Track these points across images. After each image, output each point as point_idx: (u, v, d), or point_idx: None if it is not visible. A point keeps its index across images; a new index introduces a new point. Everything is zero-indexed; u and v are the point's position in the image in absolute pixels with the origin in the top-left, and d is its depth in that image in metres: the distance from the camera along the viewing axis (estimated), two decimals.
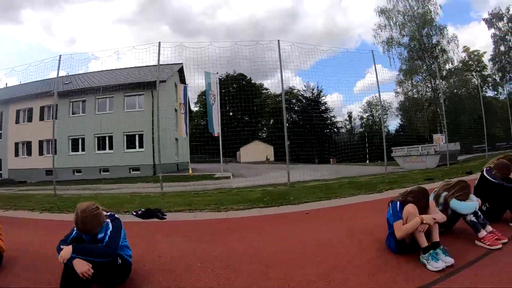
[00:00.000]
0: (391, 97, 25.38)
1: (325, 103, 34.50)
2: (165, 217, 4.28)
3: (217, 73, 12.80)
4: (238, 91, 44.72)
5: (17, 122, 21.30)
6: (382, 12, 22.09)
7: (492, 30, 30.02)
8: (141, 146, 17.21)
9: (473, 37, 53.11)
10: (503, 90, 29.40)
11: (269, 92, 49.06)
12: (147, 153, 16.74)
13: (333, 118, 35.37)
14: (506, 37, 29.67)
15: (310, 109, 32.77)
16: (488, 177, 3.48)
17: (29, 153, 21.02)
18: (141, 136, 17.18)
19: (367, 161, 22.56)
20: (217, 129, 13.35)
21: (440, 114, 20.42)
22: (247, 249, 2.97)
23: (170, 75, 18.76)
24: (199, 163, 27.07)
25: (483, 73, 26.08)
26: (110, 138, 17.61)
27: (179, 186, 8.90)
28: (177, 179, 11.46)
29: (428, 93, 22.03)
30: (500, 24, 29.69)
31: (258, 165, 27.19)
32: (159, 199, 5.53)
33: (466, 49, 26.51)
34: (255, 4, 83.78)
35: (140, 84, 16.46)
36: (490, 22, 30.15)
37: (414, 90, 22.10)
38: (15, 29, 74.32)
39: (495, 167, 3.56)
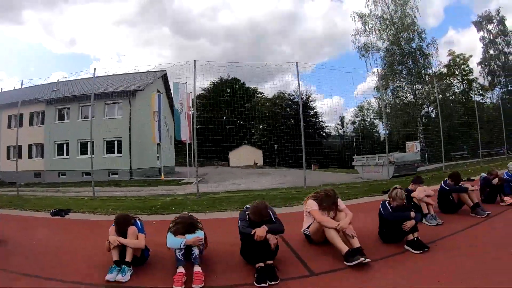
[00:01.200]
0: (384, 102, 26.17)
1: (315, 107, 35.54)
2: (65, 216, 5.56)
3: (186, 82, 14.10)
4: (232, 95, 46.42)
5: (9, 126, 23.03)
6: (360, 16, 22.81)
7: (481, 33, 30.61)
8: (119, 151, 18.66)
9: (473, 40, 53.50)
10: (492, 94, 29.92)
11: (263, 96, 50.39)
12: (124, 158, 18.18)
13: (322, 123, 36.30)
14: (496, 40, 30.14)
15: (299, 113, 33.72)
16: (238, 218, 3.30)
17: (19, 156, 22.70)
18: (119, 142, 18.64)
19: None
20: (184, 136, 14.62)
21: (417, 120, 21.11)
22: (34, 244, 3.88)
23: (150, 82, 20.17)
24: (190, 166, 28.28)
25: (469, 77, 26.65)
26: (92, 143, 18.99)
27: (128, 191, 10.17)
28: (138, 184, 12.75)
29: (408, 98, 22.70)
30: (490, 27, 30.19)
31: (243, 169, 28.37)
32: (84, 202, 6.85)
33: (451, 53, 27.13)
34: (255, 7, 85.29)
35: (118, 93, 17.91)
36: (479, 25, 30.71)
37: (394, 96, 22.74)
38: (16, 30, 77.14)
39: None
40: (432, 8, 65.27)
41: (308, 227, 3.68)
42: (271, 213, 3.21)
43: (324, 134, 35.79)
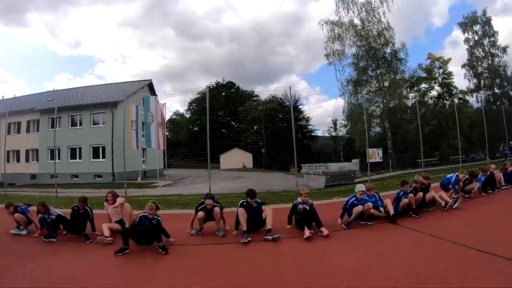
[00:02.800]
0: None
1: (302, 111, 37.59)
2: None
3: (157, 95, 16.60)
4: (226, 99, 48.78)
5: (8, 133, 26.26)
6: (330, 24, 24.25)
7: (466, 35, 31.83)
8: (104, 156, 21.43)
9: None
10: (477, 97, 31.10)
11: (259, 99, 52.73)
12: (108, 162, 20.90)
13: (309, 127, 38.22)
14: (484, 41, 31.28)
15: (288, 117, 35.81)
16: None
17: (18, 160, 25.93)
18: (104, 148, 21.41)
19: None
20: (154, 145, 17.08)
21: (385, 126, 22.76)
22: None
23: (133, 92, 22.85)
24: (184, 168, 30.79)
25: (448, 80, 27.98)
26: (80, 149, 21.97)
27: (93, 193, 12.70)
28: (115, 187, 15.28)
29: (378, 106, 24.14)
30: (477, 28, 31.35)
31: (228, 172, 30.70)
32: (47, 200, 9.38)
33: (430, 56, 28.57)
34: (259, 8, 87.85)
35: (102, 104, 20.69)
36: (464, 26, 31.94)
37: (360, 102, 24.14)
38: (21, 32, 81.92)
39: None
40: (437, 8, 65.76)
41: None
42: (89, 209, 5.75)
43: (309, 136, 37.62)
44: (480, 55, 31.56)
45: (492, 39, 30.75)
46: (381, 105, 23.27)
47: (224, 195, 10.84)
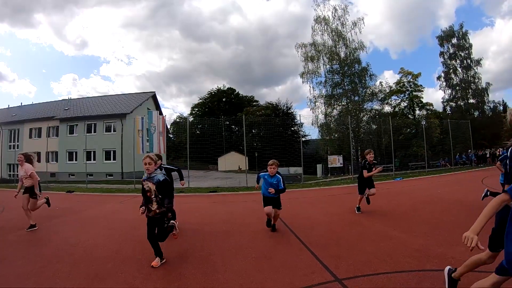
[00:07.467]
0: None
1: (294, 117, 42.90)
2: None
3: (158, 110, 22.29)
4: (227, 104, 54.34)
5: (30, 137, 32.43)
6: (302, 47, 29.06)
7: (441, 49, 36.75)
8: (114, 159, 27.29)
9: (484, 43, 58.87)
10: (450, 108, 35.99)
11: (258, 104, 58.42)
12: (117, 164, 26.75)
13: (301, 132, 43.41)
14: (461, 53, 36.12)
15: (281, 123, 41.19)
16: None
17: (39, 160, 31.98)
18: (114, 152, 27.27)
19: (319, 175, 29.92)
20: (156, 150, 22.75)
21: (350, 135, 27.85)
22: None
23: (139, 105, 28.67)
24: (184, 169, 36.45)
25: (416, 93, 32.96)
26: (94, 152, 27.87)
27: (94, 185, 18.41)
28: (118, 183, 21.02)
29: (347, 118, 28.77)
30: (454, 41, 36.22)
31: (223, 173, 36.32)
32: (78, 189, 15.12)
33: (401, 71, 33.66)
34: (266, 10, 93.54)
35: (113, 115, 26.58)
36: (441, 40, 36.90)
37: (333, 114, 29.13)
38: (28, 32, 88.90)
39: None
40: (443, 10, 70.47)
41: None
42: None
43: (299, 141, 42.75)
44: (457, 67, 36.47)
45: (467, 52, 35.64)
46: (349, 117, 28.07)
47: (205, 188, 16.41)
